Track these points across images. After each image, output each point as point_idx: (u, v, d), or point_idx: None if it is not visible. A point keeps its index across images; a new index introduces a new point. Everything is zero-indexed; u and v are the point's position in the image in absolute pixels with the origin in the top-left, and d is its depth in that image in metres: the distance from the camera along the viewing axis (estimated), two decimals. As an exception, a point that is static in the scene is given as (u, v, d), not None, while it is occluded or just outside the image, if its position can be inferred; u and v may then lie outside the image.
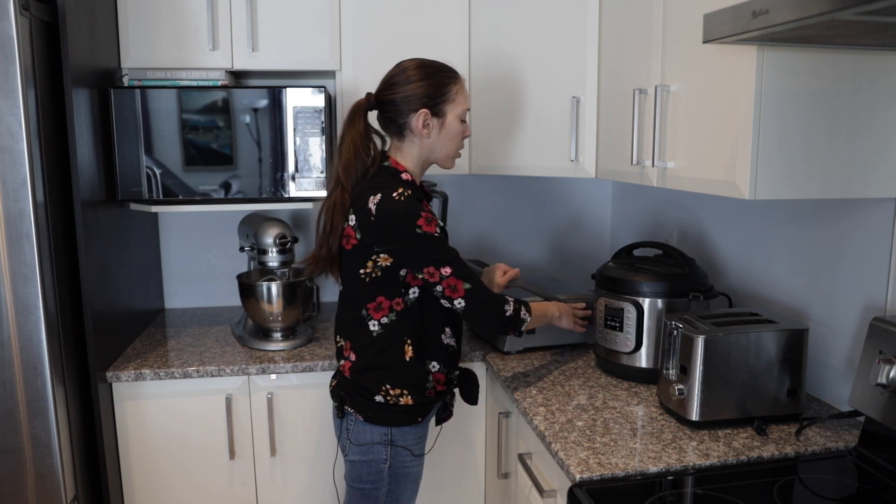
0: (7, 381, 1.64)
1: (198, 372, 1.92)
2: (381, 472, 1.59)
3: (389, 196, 1.48)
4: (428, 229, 1.47)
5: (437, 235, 1.49)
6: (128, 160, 1.99)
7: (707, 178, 1.41)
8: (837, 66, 1.28)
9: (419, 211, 1.47)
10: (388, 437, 1.57)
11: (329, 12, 2.14)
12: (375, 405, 1.57)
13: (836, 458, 1.40)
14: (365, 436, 1.58)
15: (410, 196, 1.49)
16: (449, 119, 1.58)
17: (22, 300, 1.62)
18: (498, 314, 1.55)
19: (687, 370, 1.51)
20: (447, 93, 1.57)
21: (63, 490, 1.71)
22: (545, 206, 2.73)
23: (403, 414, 1.58)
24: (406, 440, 1.59)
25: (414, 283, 1.54)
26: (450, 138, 1.60)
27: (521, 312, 1.60)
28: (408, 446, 1.60)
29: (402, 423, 1.58)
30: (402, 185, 1.52)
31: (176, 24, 2.08)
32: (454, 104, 1.58)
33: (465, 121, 1.62)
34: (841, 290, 1.58)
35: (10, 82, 1.54)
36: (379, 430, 1.57)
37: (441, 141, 1.59)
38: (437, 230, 1.49)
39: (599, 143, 1.95)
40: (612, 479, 1.32)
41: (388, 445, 1.58)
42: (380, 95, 1.58)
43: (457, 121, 1.59)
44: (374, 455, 1.58)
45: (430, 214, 1.50)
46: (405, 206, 1.47)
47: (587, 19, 1.93)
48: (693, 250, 2.17)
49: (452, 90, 1.58)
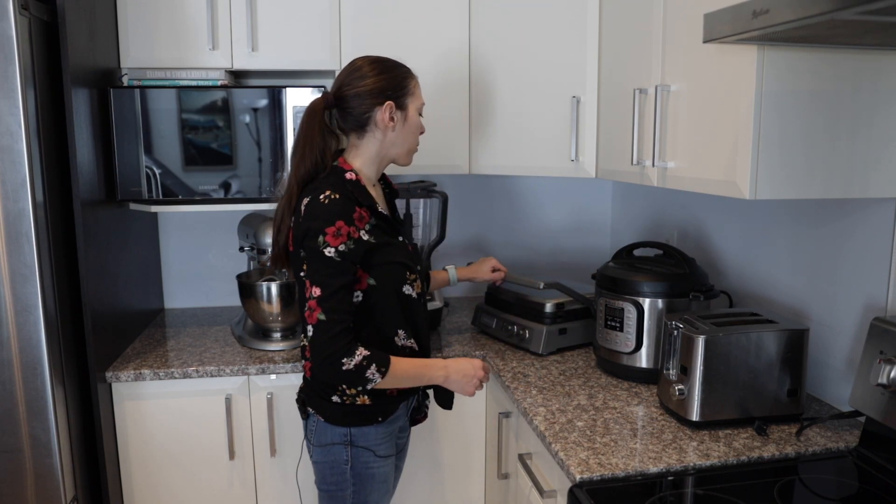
0: (6, 381, 1.64)
1: (197, 372, 1.91)
2: (343, 474, 1.56)
3: (316, 198, 1.43)
4: (332, 242, 1.40)
5: (328, 255, 1.40)
6: (127, 160, 1.99)
7: (707, 178, 1.41)
8: (838, 66, 1.28)
9: (334, 219, 1.41)
10: (347, 437, 1.54)
11: (329, 12, 2.13)
12: (333, 405, 1.54)
13: (837, 458, 1.40)
14: (325, 436, 1.56)
15: (338, 199, 1.43)
16: (410, 112, 1.56)
17: (21, 300, 1.62)
18: (331, 361, 1.41)
19: (687, 370, 1.50)
20: (407, 86, 1.56)
21: (62, 490, 1.70)
22: (545, 206, 2.73)
23: (362, 414, 1.54)
24: (367, 440, 1.56)
25: (357, 288, 1.49)
26: (410, 132, 1.58)
27: (368, 371, 1.43)
28: (369, 447, 1.56)
29: (360, 423, 1.54)
30: (337, 186, 1.46)
31: (176, 24, 2.07)
32: (414, 98, 1.57)
33: (421, 115, 1.61)
34: (841, 290, 1.58)
35: (9, 82, 1.54)
36: (338, 431, 1.54)
37: (403, 135, 1.56)
38: (342, 246, 1.41)
39: (599, 143, 1.95)
40: (612, 479, 1.31)
41: (348, 446, 1.55)
42: (339, 92, 1.53)
43: (416, 115, 1.58)
44: (335, 456, 1.55)
45: (347, 226, 1.42)
46: (323, 209, 1.42)
47: (587, 19, 1.93)
48: (693, 250, 2.17)
49: (411, 84, 1.57)
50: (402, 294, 1.55)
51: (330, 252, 1.41)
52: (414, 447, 2.07)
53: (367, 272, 1.49)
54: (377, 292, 1.51)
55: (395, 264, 1.52)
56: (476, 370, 1.58)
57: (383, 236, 1.52)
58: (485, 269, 2.09)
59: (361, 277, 1.49)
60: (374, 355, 1.45)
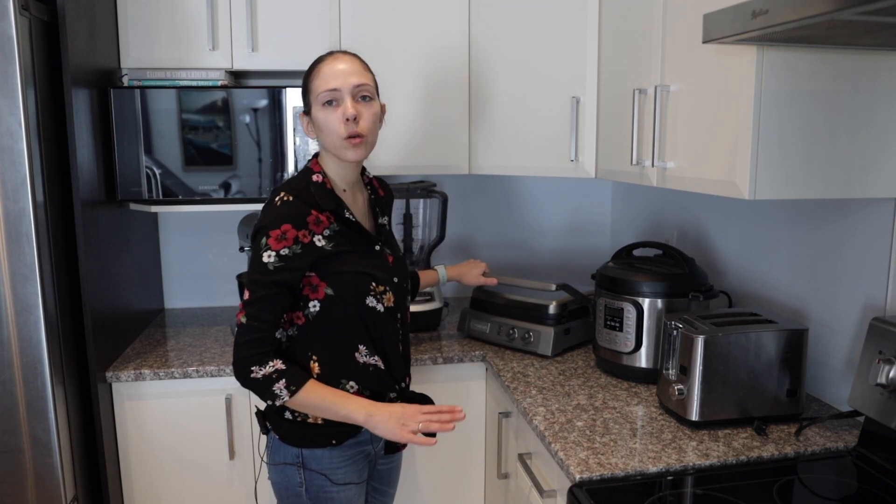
0: (7, 381, 1.64)
1: (198, 372, 1.92)
2: (299, 496, 1.46)
3: (272, 199, 1.39)
4: (274, 246, 1.34)
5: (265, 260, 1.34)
6: (127, 160, 1.99)
7: (707, 178, 1.41)
8: (837, 67, 1.28)
9: (281, 222, 1.34)
10: (299, 458, 1.44)
11: (329, 13, 2.14)
12: (286, 423, 1.44)
13: (836, 458, 1.40)
14: (279, 455, 1.46)
15: (290, 202, 1.36)
16: (314, 112, 1.42)
17: (22, 300, 1.62)
18: (241, 365, 1.35)
19: (687, 370, 1.51)
20: (308, 86, 1.44)
21: (63, 490, 1.71)
22: (545, 206, 2.73)
23: (314, 435, 1.43)
24: (321, 464, 1.44)
25: (313, 297, 1.40)
26: (322, 129, 1.42)
27: (275, 385, 1.35)
28: (323, 471, 1.44)
29: (312, 445, 1.44)
30: (297, 188, 1.40)
31: (176, 24, 2.08)
32: (312, 93, 1.42)
33: (332, 102, 1.40)
34: (841, 290, 1.58)
35: (9, 82, 1.54)
36: (291, 451, 1.45)
37: (322, 137, 1.43)
38: (285, 250, 1.34)
39: (599, 143, 1.95)
40: (611, 479, 1.32)
41: (300, 468, 1.44)
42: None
43: (319, 109, 1.41)
44: (289, 477, 1.46)
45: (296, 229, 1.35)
46: (273, 211, 1.36)
47: (587, 19, 1.93)
48: (693, 250, 2.17)
49: (309, 80, 1.43)
50: (364, 306, 1.43)
51: (269, 257, 1.34)
52: (413, 447, 2.08)
53: (323, 281, 1.40)
54: (335, 303, 1.41)
55: (354, 273, 1.42)
56: (410, 419, 1.36)
57: (346, 244, 1.42)
58: (474, 273, 2.06)
59: (318, 286, 1.40)
60: (289, 371, 1.36)
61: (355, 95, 1.40)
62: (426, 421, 1.36)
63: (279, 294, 1.36)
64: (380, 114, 1.46)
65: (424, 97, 2.21)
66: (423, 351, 2.05)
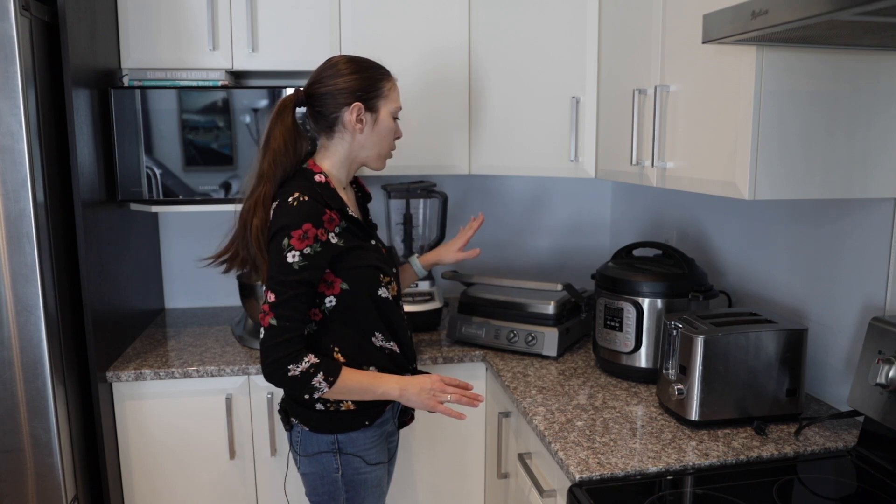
0: (7, 381, 1.64)
1: (198, 372, 1.92)
2: (335, 482, 1.51)
3: (285, 201, 1.40)
4: (297, 245, 1.37)
5: (290, 260, 1.37)
6: (128, 160, 1.99)
7: (706, 178, 1.42)
8: (836, 67, 1.28)
9: (302, 222, 1.37)
10: (335, 445, 1.50)
11: (329, 12, 2.14)
12: (317, 413, 1.49)
13: (836, 457, 1.40)
14: (312, 446, 1.51)
15: (306, 202, 1.39)
16: (382, 115, 1.50)
17: (22, 300, 1.62)
18: (277, 366, 1.38)
19: (686, 370, 1.51)
20: (380, 88, 1.49)
21: (63, 490, 1.71)
22: (545, 206, 2.73)
23: (347, 419, 1.49)
24: (356, 447, 1.51)
25: (329, 293, 1.46)
26: (382, 136, 1.51)
27: (314, 379, 1.40)
28: (358, 453, 1.52)
29: (347, 429, 1.50)
30: (307, 188, 1.42)
31: (176, 25, 2.08)
32: (387, 100, 1.50)
33: (398, 119, 1.55)
34: (840, 290, 1.58)
35: (10, 82, 1.54)
36: (325, 439, 1.50)
37: (373, 138, 1.50)
38: (308, 249, 1.38)
39: (599, 144, 1.95)
40: (611, 478, 1.32)
41: (336, 454, 1.50)
42: (310, 89, 1.49)
43: (389, 118, 1.51)
44: (325, 465, 1.51)
45: (315, 228, 1.39)
46: (291, 211, 1.38)
47: (587, 19, 1.93)
48: (693, 250, 2.17)
49: (385, 86, 1.50)
50: (378, 297, 1.50)
51: (293, 257, 1.37)
52: (413, 447, 2.08)
53: (338, 276, 1.45)
54: (350, 296, 1.47)
55: (367, 268, 1.48)
56: (440, 391, 1.49)
57: (354, 240, 1.47)
58: (452, 250, 1.88)
59: (333, 282, 1.45)
60: (324, 363, 1.41)
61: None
62: (456, 394, 1.50)
63: (306, 293, 1.41)
64: None
65: (424, 97, 2.21)
66: (423, 351, 2.05)
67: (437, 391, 1.49)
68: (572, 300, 2.09)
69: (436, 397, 1.49)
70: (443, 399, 1.49)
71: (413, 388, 1.48)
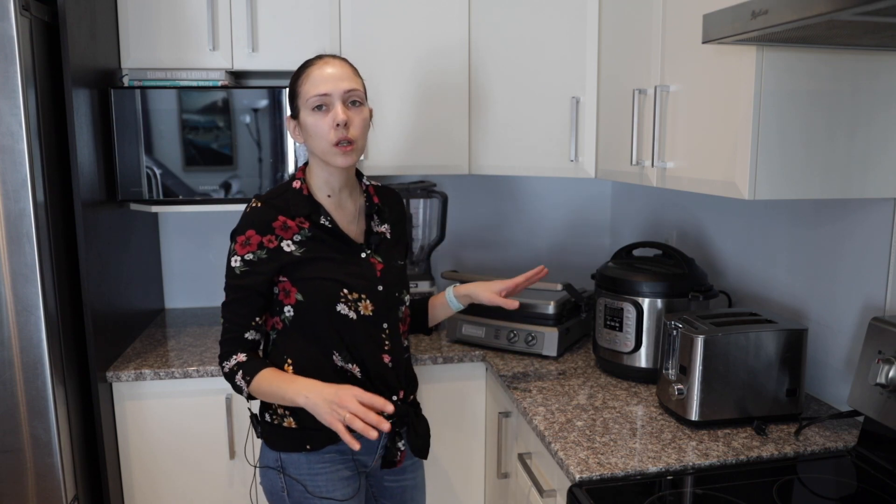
0: (7, 381, 1.64)
1: (198, 372, 1.92)
2: (283, 502, 1.44)
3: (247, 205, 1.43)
4: (239, 251, 1.38)
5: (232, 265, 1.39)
6: (128, 160, 1.99)
7: (706, 178, 1.42)
8: (836, 67, 1.28)
9: (245, 228, 1.38)
10: (278, 462, 1.43)
11: (329, 13, 2.14)
12: (266, 426, 1.45)
13: (836, 457, 1.40)
14: (263, 458, 1.47)
15: (258, 208, 1.39)
16: (303, 116, 1.39)
17: (22, 300, 1.62)
18: (219, 362, 1.44)
19: (686, 370, 1.51)
20: (296, 89, 1.40)
21: (63, 490, 1.71)
22: (545, 207, 2.73)
23: (288, 438, 1.42)
24: (298, 470, 1.42)
25: (287, 302, 1.41)
26: (310, 135, 1.38)
27: (236, 378, 1.40)
28: (300, 478, 1.41)
29: (287, 449, 1.42)
30: (271, 194, 1.42)
31: (176, 25, 2.08)
32: (303, 97, 1.38)
33: (321, 107, 1.36)
34: (840, 290, 1.58)
35: (10, 82, 1.54)
36: (271, 455, 1.44)
37: (311, 142, 1.39)
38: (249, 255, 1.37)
39: (599, 144, 1.95)
40: (611, 478, 1.32)
41: (280, 473, 1.43)
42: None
43: (308, 113, 1.37)
44: (273, 481, 1.45)
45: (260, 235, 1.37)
46: (242, 217, 1.40)
47: (587, 19, 1.93)
48: (693, 250, 2.17)
49: (300, 84, 1.39)
50: (335, 313, 1.40)
51: (235, 262, 1.39)
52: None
53: (294, 286, 1.40)
54: (306, 309, 1.40)
55: (326, 280, 1.39)
56: (341, 404, 1.28)
57: (320, 250, 1.40)
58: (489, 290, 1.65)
59: (290, 292, 1.40)
60: (247, 363, 1.40)
61: (345, 101, 1.37)
62: (353, 413, 1.26)
63: (247, 298, 1.41)
64: (369, 119, 1.43)
65: (424, 97, 2.21)
66: (423, 351, 2.05)
67: (337, 405, 1.28)
68: (572, 300, 2.09)
69: (334, 412, 1.28)
70: (340, 417, 1.27)
71: (314, 397, 1.31)
